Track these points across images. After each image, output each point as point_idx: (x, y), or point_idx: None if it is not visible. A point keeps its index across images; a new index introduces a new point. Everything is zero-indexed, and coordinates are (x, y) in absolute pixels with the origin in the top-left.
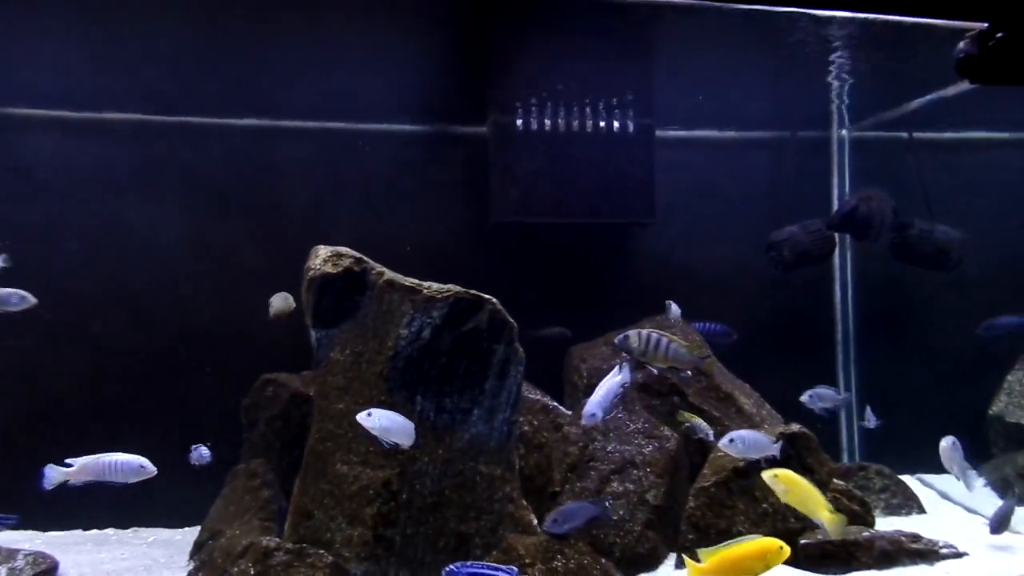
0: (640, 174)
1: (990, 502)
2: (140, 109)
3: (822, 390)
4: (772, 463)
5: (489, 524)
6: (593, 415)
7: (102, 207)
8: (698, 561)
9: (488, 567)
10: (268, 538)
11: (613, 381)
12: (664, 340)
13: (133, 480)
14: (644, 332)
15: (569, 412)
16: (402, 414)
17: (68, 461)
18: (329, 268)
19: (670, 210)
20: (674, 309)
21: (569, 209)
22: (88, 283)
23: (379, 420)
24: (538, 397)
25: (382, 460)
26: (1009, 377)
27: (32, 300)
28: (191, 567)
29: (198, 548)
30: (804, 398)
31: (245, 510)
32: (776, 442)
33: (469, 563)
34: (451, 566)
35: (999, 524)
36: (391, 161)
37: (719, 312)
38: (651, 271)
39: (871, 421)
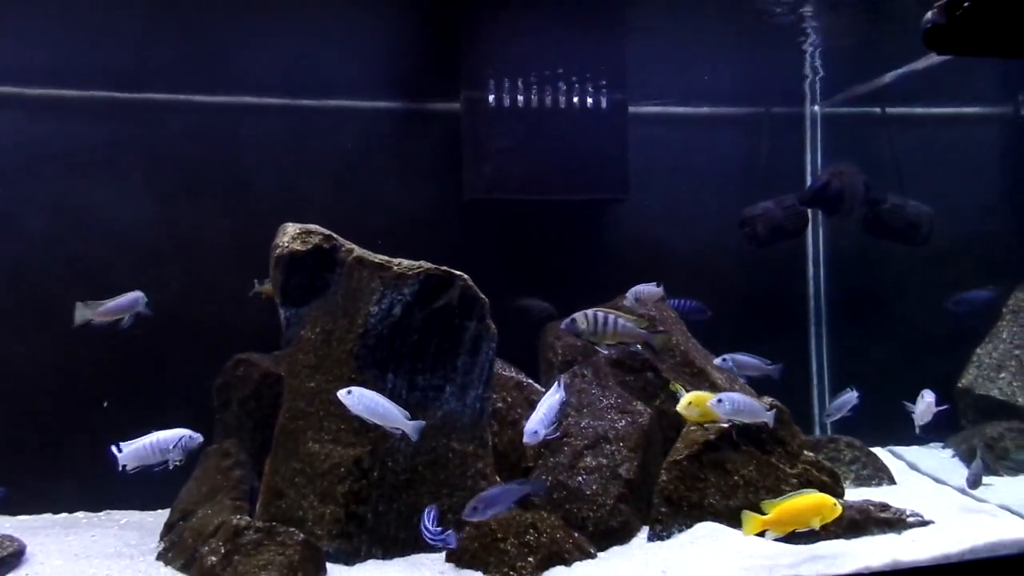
0: (613, 150)
1: (958, 473)
2: (102, 86)
3: (742, 357)
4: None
5: (462, 500)
6: (535, 432)
7: (64, 187)
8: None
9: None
10: (239, 517)
11: (553, 399)
12: (611, 317)
13: (183, 455)
14: (590, 313)
15: (543, 389)
16: (374, 391)
17: (121, 445)
18: (298, 245)
19: (644, 186)
20: (646, 290)
21: (542, 186)
22: (51, 265)
23: (359, 399)
24: (512, 374)
25: (353, 438)
26: (979, 350)
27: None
28: (161, 548)
29: (169, 529)
30: (717, 361)
31: (217, 490)
32: (770, 410)
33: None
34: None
35: (975, 480)
36: (362, 138)
37: (693, 288)
38: (625, 248)
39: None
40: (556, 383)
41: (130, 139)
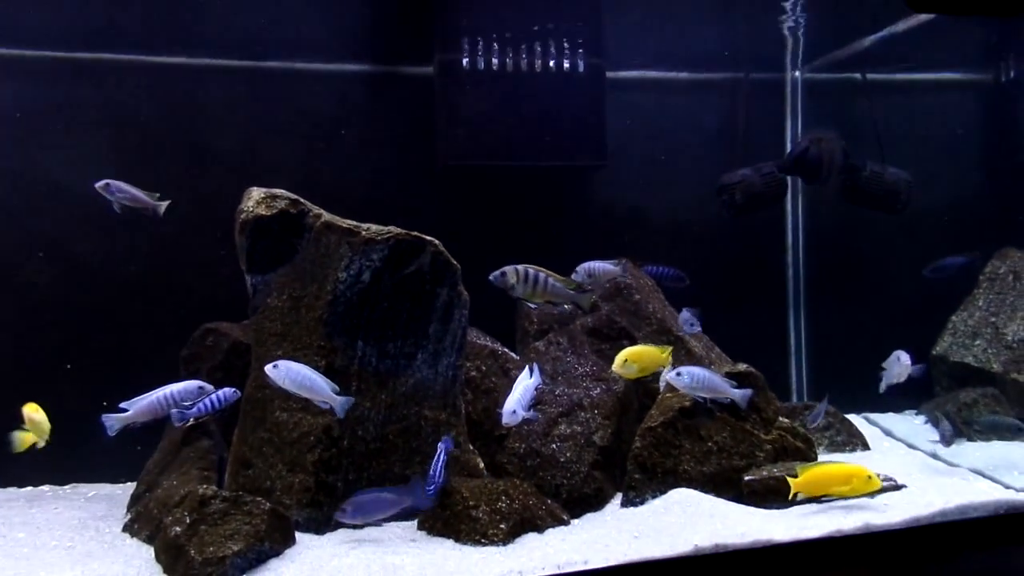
0: (591, 115)
1: (931, 439)
2: (57, 46)
3: (699, 371)
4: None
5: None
6: (514, 412)
7: (18, 150)
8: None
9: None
10: (204, 486)
11: (527, 383)
12: (542, 275)
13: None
14: (521, 268)
15: (518, 357)
16: (343, 359)
17: (123, 405)
18: (263, 210)
19: (622, 153)
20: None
21: (518, 152)
22: (8, 233)
23: (286, 373)
24: (486, 343)
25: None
26: (954, 317)
27: None
28: (128, 519)
29: (135, 500)
30: (670, 376)
31: (183, 461)
32: (737, 387)
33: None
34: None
35: (948, 438)
36: (332, 102)
37: (671, 256)
38: (602, 215)
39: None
40: (529, 367)
41: (88, 102)
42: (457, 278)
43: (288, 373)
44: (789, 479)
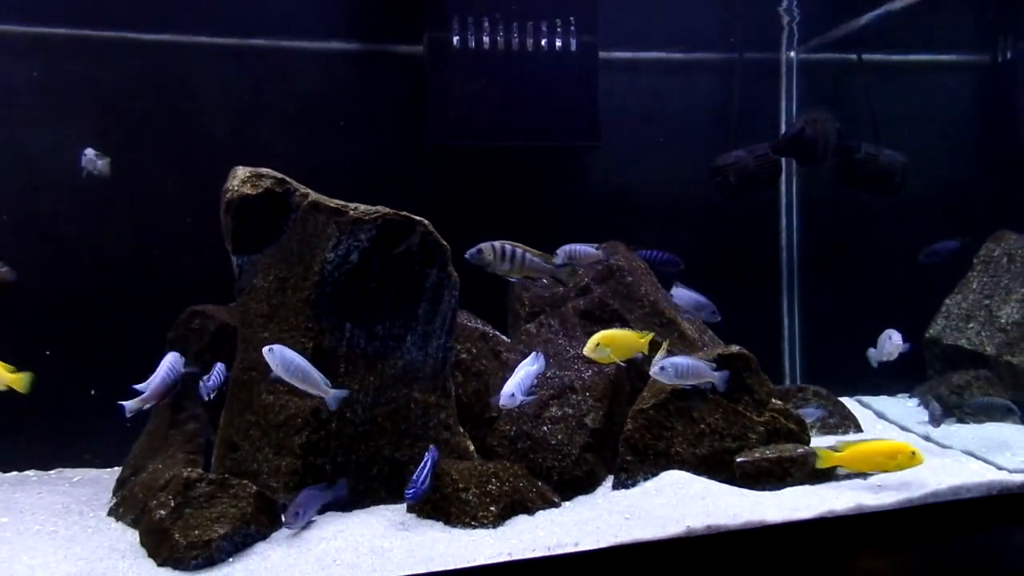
0: (584, 95)
1: (924, 421)
2: (40, 21)
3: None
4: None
5: (424, 451)
6: (512, 395)
7: (1, 132)
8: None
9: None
10: (190, 469)
11: (530, 368)
12: (519, 251)
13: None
14: (497, 244)
15: (508, 340)
16: (331, 341)
17: (137, 387)
18: (248, 189)
19: (615, 134)
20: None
21: (509, 132)
22: None
23: (279, 357)
24: (477, 325)
25: None
26: (947, 300)
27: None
28: (113, 503)
29: (121, 484)
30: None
31: (169, 444)
32: (716, 370)
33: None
34: (409, 491)
35: (938, 419)
36: (320, 82)
37: (664, 238)
38: (595, 197)
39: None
40: (535, 354)
41: (72, 80)
42: (447, 259)
43: (281, 358)
44: (827, 453)
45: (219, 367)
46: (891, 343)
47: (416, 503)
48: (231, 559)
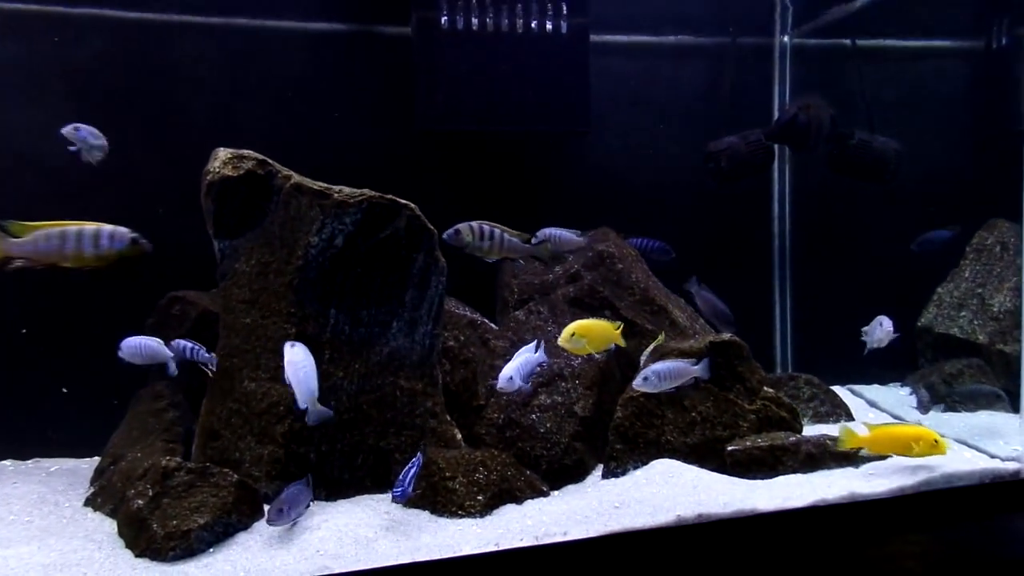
0: (574, 79)
1: (913, 406)
2: None
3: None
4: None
5: (410, 440)
6: (511, 379)
7: None
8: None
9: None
10: (168, 458)
11: (531, 356)
12: (497, 231)
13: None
14: (475, 224)
15: (497, 327)
16: (315, 327)
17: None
18: (229, 171)
19: (606, 119)
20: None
21: (498, 116)
22: None
23: (291, 353)
24: (465, 312)
25: None
26: (939, 289)
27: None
28: (90, 493)
29: (99, 474)
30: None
31: (149, 433)
32: (697, 363)
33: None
34: (396, 490)
35: (926, 405)
36: (305, 63)
37: (655, 225)
38: (585, 182)
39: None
40: (537, 342)
41: (47, 60)
42: (434, 243)
43: (291, 355)
44: (852, 432)
45: (190, 345)
46: (881, 329)
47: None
48: (211, 550)
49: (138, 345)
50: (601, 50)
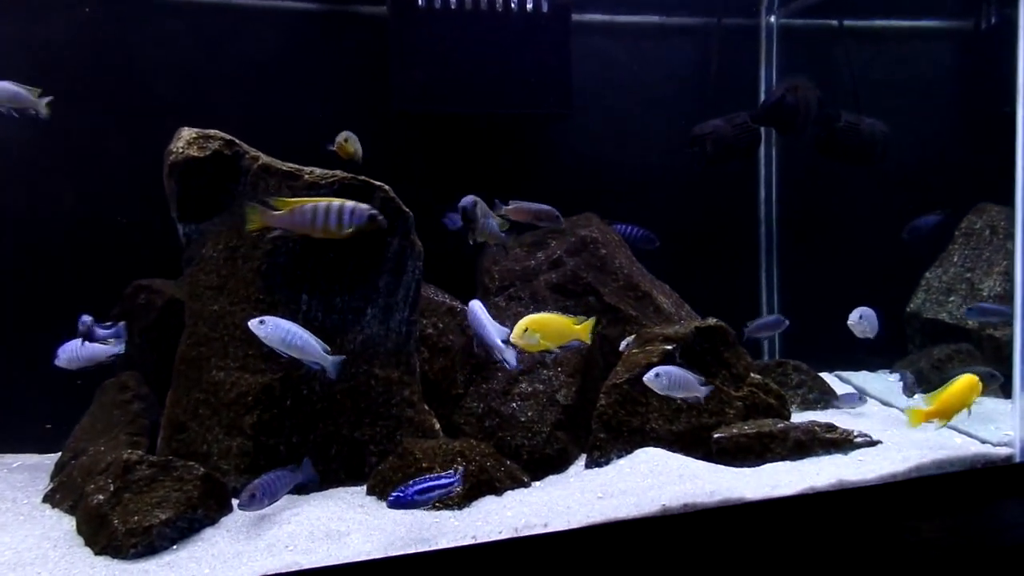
0: (555, 60)
1: (905, 396)
2: None
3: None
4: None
5: (386, 430)
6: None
7: None
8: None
9: (431, 479)
10: (130, 451)
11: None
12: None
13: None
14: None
15: None
16: (285, 314)
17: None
18: (194, 151)
19: (588, 101)
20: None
21: (477, 98)
22: None
23: (274, 329)
24: (444, 299)
25: (263, 364)
26: (927, 274)
27: None
28: (49, 489)
29: (60, 469)
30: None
31: (113, 425)
32: (705, 384)
33: (412, 483)
34: (396, 492)
35: (911, 387)
36: (278, 42)
37: (639, 210)
38: (567, 166)
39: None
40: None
41: (6, 39)
42: (410, 226)
43: (276, 330)
44: (917, 410)
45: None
46: (860, 323)
47: (379, 479)
48: (175, 546)
49: (73, 352)
50: (583, 30)
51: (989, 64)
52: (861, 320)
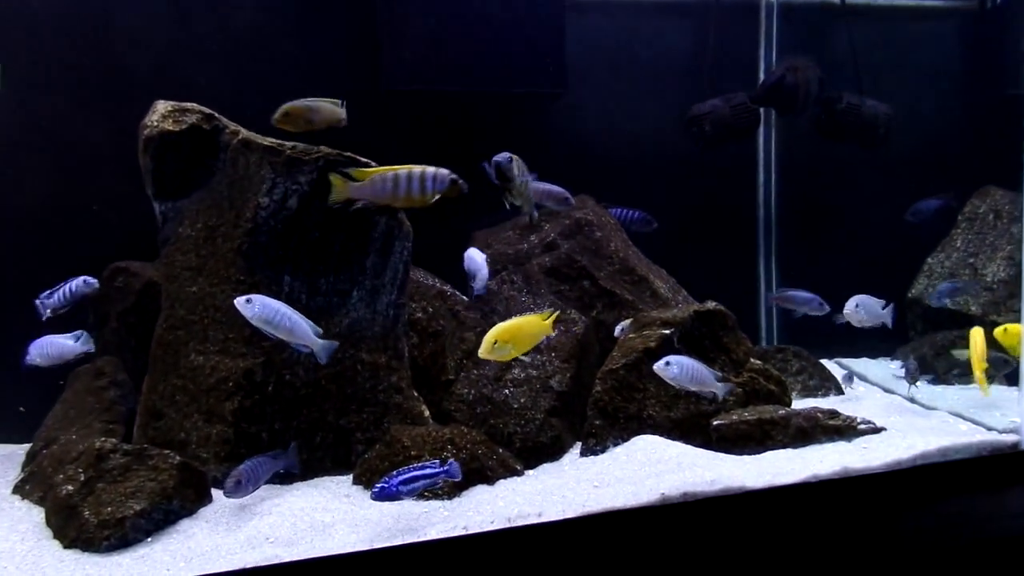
0: (549, 38)
1: (907, 382)
2: None
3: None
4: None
5: (373, 417)
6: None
7: None
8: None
9: (416, 468)
10: (103, 439)
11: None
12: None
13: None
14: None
15: (468, 299)
16: (267, 295)
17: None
18: (169, 125)
19: (583, 80)
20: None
21: (469, 76)
22: None
23: (261, 309)
24: (434, 283)
25: (244, 348)
26: (929, 259)
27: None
28: (19, 480)
29: (31, 459)
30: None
31: (87, 413)
32: (723, 380)
33: (396, 473)
34: (380, 483)
35: (913, 374)
36: (261, 18)
37: (635, 191)
38: (561, 148)
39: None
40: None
41: None
42: None
43: (263, 309)
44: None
45: (69, 285)
46: (855, 312)
47: (366, 467)
48: (149, 539)
49: (44, 347)
50: (579, 7)
51: (995, 44)
52: (857, 309)
